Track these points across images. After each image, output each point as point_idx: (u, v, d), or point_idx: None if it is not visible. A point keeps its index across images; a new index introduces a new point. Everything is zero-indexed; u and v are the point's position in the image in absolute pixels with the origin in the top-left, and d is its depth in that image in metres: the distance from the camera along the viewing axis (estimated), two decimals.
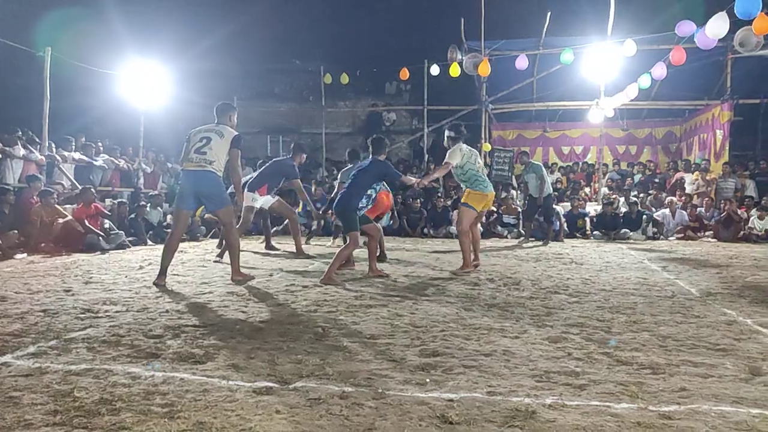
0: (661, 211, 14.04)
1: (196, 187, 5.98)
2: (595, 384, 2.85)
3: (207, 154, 5.93)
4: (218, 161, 5.96)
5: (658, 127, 19.28)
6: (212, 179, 5.94)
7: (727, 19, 8.27)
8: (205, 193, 5.99)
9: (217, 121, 6.23)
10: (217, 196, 6.04)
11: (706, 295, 5.53)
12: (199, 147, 5.96)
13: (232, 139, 6.02)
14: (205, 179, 5.92)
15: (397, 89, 21.96)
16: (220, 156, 5.97)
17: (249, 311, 4.58)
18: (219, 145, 5.97)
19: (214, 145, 5.96)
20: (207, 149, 5.94)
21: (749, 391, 2.75)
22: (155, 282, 5.91)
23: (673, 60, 11.21)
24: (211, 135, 6.02)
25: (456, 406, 2.53)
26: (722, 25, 8.36)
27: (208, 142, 5.97)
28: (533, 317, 4.45)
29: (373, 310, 4.66)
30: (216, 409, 2.48)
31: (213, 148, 5.95)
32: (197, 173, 5.94)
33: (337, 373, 2.99)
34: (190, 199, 6.07)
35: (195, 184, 5.97)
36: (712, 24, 8.55)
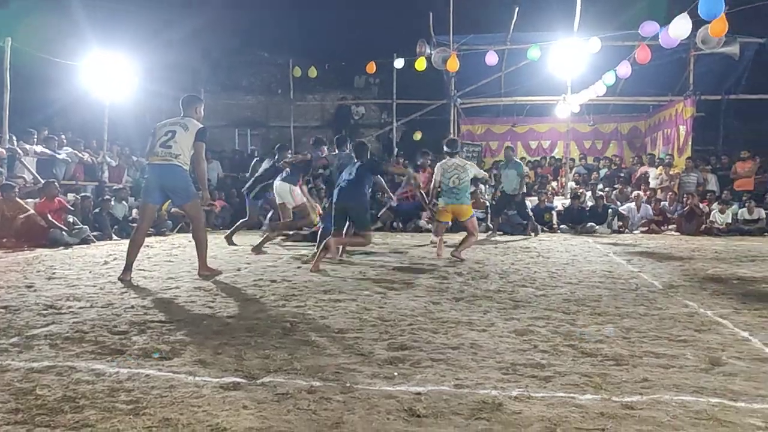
0: (626, 205, 14.29)
1: (162, 181, 5.93)
2: (560, 376, 2.89)
3: (172, 147, 5.87)
4: (183, 155, 5.91)
5: (623, 123, 19.60)
6: (178, 173, 5.89)
7: (689, 20, 8.44)
8: (171, 186, 5.95)
9: (183, 114, 6.15)
10: (183, 189, 5.98)
11: (668, 287, 5.65)
12: (165, 141, 5.89)
13: (196, 132, 5.96)
14: (171, 173, 5.87)
15: (366, 83, 21.91)
16: (185, 149, 5.92)
17: (216, 306, 4.53)
18: (184, 138, 5.91)
19: (179, 138, 5.90)
20: (172, 143, 5.87)
21: (709, 380, 2.81)
22: (120, 277, 5.82)
23: (638, 58, 11.40)
24: (176, 128, 5.95)
25: (423, 400, 2.55)
26: (685, 26, 8.52)
27: (173, 135, 5.90)
28: (500, 310, 4.49)
29: (342, 304, 4.65)
30: (182, 405, 2.46)
31: (178, 141, 5.88)
32: (162, 167, 5.88)
33: (305, 368, 2.98)
34: (156, 193, 6.01)
35: (160, 178, 5.92)
36: (675, 24, 8.71)
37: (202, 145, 6.00)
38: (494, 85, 17.88)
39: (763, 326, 3.96)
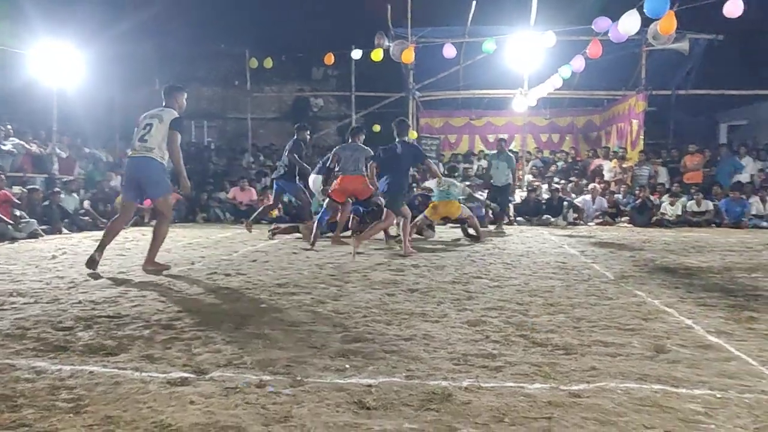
0: (581, 198, 14.55)
1: (136, 174, 5.95)
2: (510, 366, 2.92)
3: (148, 141, 5.89)
4: (158, 147, 5.90)
5: (578, 116, 19.93)
6: (152, 166, 5.89)
7: (638, 17, 8.60)
8: (143, 180, 5.94)
9: (165, 104, 6.14)
10: (155, 183, 5.95)
11: (619, 277, 5.76)
12: (142, 134, 5.93)
13: (170, 122, 5.93)
14: (145, 166, 5.89)
15: (325, 75, 21.77)
16: (160, 141, 5.90)
17: (168, 301, 4.45)
18: (159, 130, 5.90)
19: (154, 131, 5.90)
20: (148, 136, 5.90)
21: (653, 368, 2.88)
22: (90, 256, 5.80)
23: (590, 53, 11.59)
24: (153, 121, 5.95)
25: (374, 391, 2.54)
26: (634, 22, 8.69)
27: (150, 128, 5.92)
28: (454, 301, 4.51)
29: (296, 297, 4.61)
30: (126, 402, 2.40)
31: (153, 134, 5.89)
32: (137, 160, 5.91)
33: (256, 362, 2.95)
34: (131, 191, 6.04)
35: (135, 171, 5.95)
36: (624, 21, 8.89)
37: (176, 134, 5.94)
38: (452, 79, 17.95)
39: (706, 314, 4.07)
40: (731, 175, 14.80)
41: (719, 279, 5.69)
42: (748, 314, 4.05)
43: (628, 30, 8.90)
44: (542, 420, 2.25)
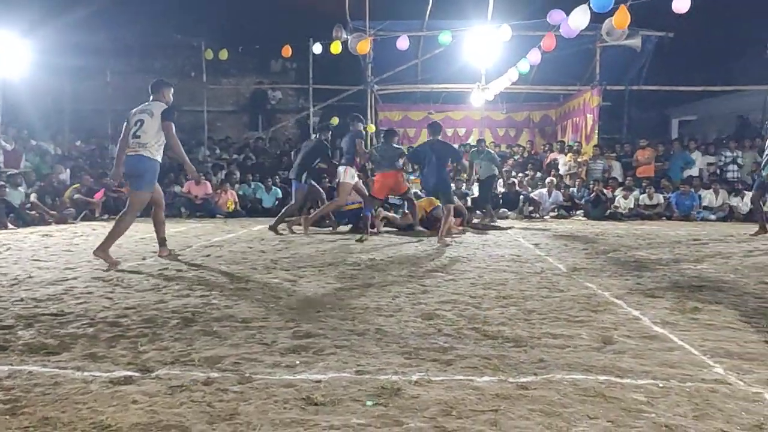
0: (537, 191, 14.76)
1: (128, 168, 6.19)
2: (461, 359, 2.93)
3: (141, 137, 6.07)
4: (151, 142, 6.07)
5: (535, 111, 20.18)
6: (141, 162, 6.08)
7: (588, 12, 8.74)
8: (130, 173, 6.18)
9: (152, 99, 6.29)
10: (138, 177, 6.14)
11: (572, 270, 5.86)
12: (135, 131, 6.10)
13: (161, 114, 6.08)
14: (135, 161, 6.10)
15: (283, 67, 21.55)
16: (153, 135, 6.07)
17: (115, 297, 4.34)
18: (150, 125, 6.06)
19: (146, 126, 6.07)
20: (141, 132, 6.07)
21: (600, 359, 2.93)
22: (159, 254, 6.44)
23: (543, 46, 11.74)
24: (144, 116, 6.11)
25: (323, 387, 2.52)
26: (583, 17, 8.83)
27: (142, 124, 6.09)
28: (409, 295, 4.52)
29: (249, 293, 4.56)
30: (66, 403, 2.32)
31: (146, 130, 6.06)
32: (131, 157, 6.13)
33: (204, 359, 2.89)
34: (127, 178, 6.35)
35: (128, 167, 6.18)
36: (574, 15, 9.02)
37: (170, 124, 6.10)
38: (411, 73, 17.98)
39: (653, 306, 4.16)
40: (683, 169, 15.21)
41: (667, 271, 5.83)
42: (692, 305, 4.16)
43: (578, 25, 9.04)
44: (489, 413, 2.26)
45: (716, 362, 2.89)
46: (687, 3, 8.84)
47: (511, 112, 19.96)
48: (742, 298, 4.48)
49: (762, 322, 3.69)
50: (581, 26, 9.08)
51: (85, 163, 14.98)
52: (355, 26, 16.08)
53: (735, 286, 4.98)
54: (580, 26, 9.08)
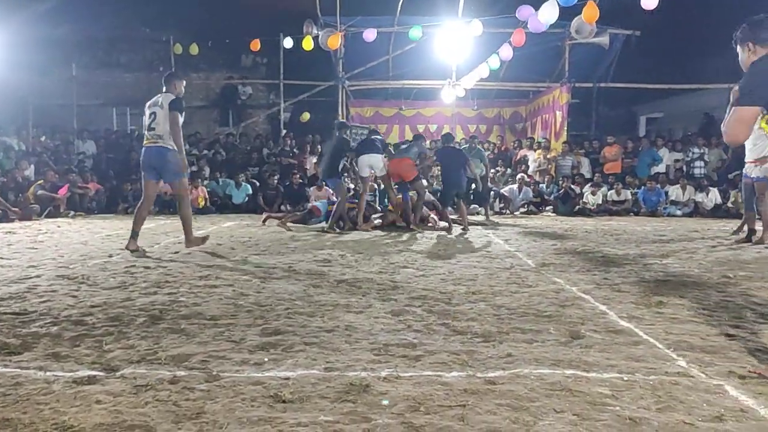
0: (508, 187, 14.86)
1: (151, 162, 6.49)
2: (430, 354, 2.94)
3: (155, 129, 6.40)
4: (166, 133, 6.35)
5: (505, 108, 20.31)
6: (163, 153, 6.39)
7: (557, 6, 8.83)
8: (159, 166, 6.47)
9: (165, 90, 6.54)
10: (170, 170, 6.46)
11: (540, 265, 5.92)
12: (149, 123, 6.44)
13: (169, 104, 6.33)
14: (157, 154, 6.41)
15: (254, 62, 21.33)
16: (166, 126, 6.34)
17: (80, 295, 4.26)
18: (162, 116, 6.36)
19: (159, 118, 6.37)
20: (155, 125, 6.40)
21: (567, 353, 2.96)
22: (127, 247, 6.40)
23: (513, 41, 11.83)
24: (156, 109, 6.41)
25: (291, 384, 2.51)
26: (552, 11, 8.92)
27: (155, 117, 6.40)
28: (380, 291, 4.52)
29: (218, 290, 4.51)
30: (27, 404, 2.28)
31: (159, 122, 6.37)
32: (150, 149, 6.46)
33: (171, 357, 2.86)
34: (151, 172, 6.55)
35: (149, 159, 6.49)
36: (544, 10, 9.11)
37: (175, 114, 6.33)
38: (382, 69, 17.96)
39: (620, 300, 4.23)
40: (650, 166, 15.46)
41: (634, 266, 5.92)
42: (657, 299, 4.23)
43: (547, 19, 9.13)
44: (457, 408, 2.27)
45: (679, 355, 2.95)
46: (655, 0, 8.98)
47: (481, 109, 20.06)
48: (705, 292, 4.57)
49: (724, 316, 3.77)
50: (551, 20, 9.18)
51: (50, 159, 14.67)
52: (326, 21, 16.01)
53: (699, 281, 5.08)
54: (549, 20, 9.18)
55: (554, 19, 9.20)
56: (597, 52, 16.53)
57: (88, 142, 16.75)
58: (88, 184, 13.44)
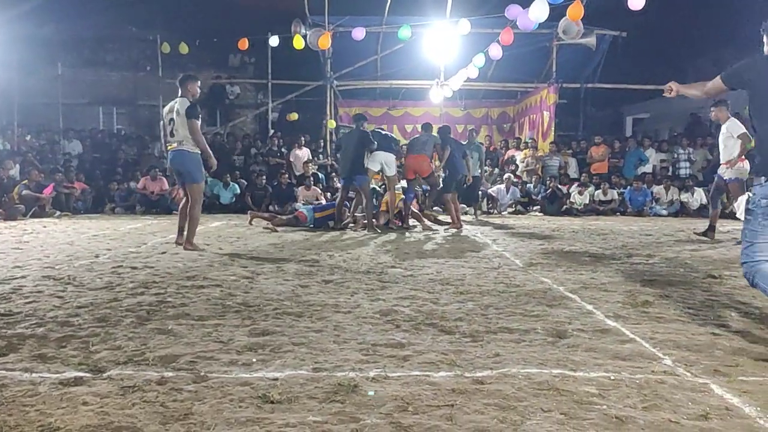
0: (496, 187, 14.91)
1: (174, 165, 6.87)
2: (418, 354, 2.95)
3: (176, 135, 6.67)
4: (186, 138, 6.63)
5: (493, 108, 20.38)
6: (184, 157, 6.69)
7: (547, 4, 8.87)
8: (179, 169, 6.82)
9: (180, 94, 6.76)
10: (189, 172, 6.76)
11: (528, 265, 5.94)
12: (170, 130, 6.71)
13: (185, 112, 6.58)
14: (179, 158, 6.72)
15: (242, 62, 21.29)
16: (186, 132, 6.61)
17: (66, 296, 4.23)
18: (180, 123, 6.61)
19: (178, 125, 6.63)
20: (174, 131, 6.66)
21: (554, 353, 2.98)
22: (176, 242, 6.97)
23: (502, 40, 11.88)
24: (173, 116, 6.65)
25: (279, 385, 2.50)
26: (543, 9, 8.97)
27: (174, 123, 6.65)
28: (368, 291, 4.52)
29: (205, 290, 4.49)
30: (12, 406, 2.26)
31: (178, 128, 6.64)
32: (173, 153, 6.76)
33: (158, 358, 2.84)
34: (178, 177, 7.02)
35: (172, 163, 6.87)
36: (534, 8, 9.16)
37: (194, 122, 6.61)
38: (371, 69, 17.96)
39: (607, 300, 4.26)
40: (637, 166, 15.57)
41: (620, 265, 5.97)
42: (643, 298, 4.26)
43: (537, 17, 9.18)
44: (445, 408, 2.28)
45: (665, 354, 2.97)
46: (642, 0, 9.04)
47: (469, 109, 20.12)
48: (690, 291, 4.62)
49: (709, 315, 3.81)
50: (541, 18, 9.22)
51: (36, 158, 14.54)
52: (314, 21, 15.99)
53: (684, 280, 5.13)
54: (540, 18, 9.22)
55: (544, 18, 9.24)
56: (584, 53, 16.62)
57: (74, 142, 16.62)
58: (74, 184, 13.33)
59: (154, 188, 13.76)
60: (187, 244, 6.82)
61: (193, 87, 6.80)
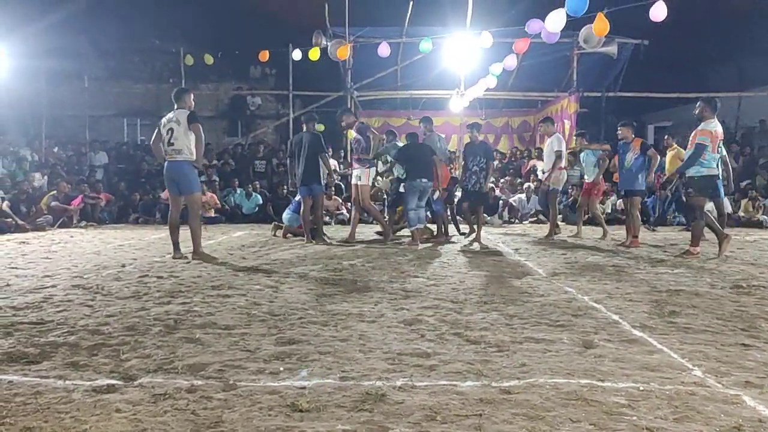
0: (516, 197, 14.86)
1: (171, 175, 6.89)
2: (444, 364, 2.95)
3: (174, 144, 6.77)
4: (185, 148, 6.76)
5: (514, 117, 20.34)
6: (182, 167, 6.81)
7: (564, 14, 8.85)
8: (177, 179, 6.87)
9: (177, 107, 6.91)
10: (187, 182, 6.87)
11: (551, 275, 5.91)
12: (169, 139, 6.79)
13: (187, 119, 6.74)
14: (177, 167, 6.82)
15: (262, 73, 21.48)
16: (186, 142, 6.75)
17: (95, 305, 4.30)
18: (180, 133, 6.74)
19: (177, 134, 6.74)
20: (174, 140, 6.76)
21: (581, 363, 2.97)
22: (173, 257, 6.91)
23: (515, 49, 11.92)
24: (173, 125, 6.77)
25: (307, 394, 2.52)
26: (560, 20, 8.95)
27: (173, 133, 6.76)
28: (391, 301, 4.53)
29: (231, 299, 4.54)
30: (48, 413, 2.30)
31: (177, 138, 6.74)
32: (171, 164, 6.85)
33: (187, 367, 2.88)
34: (173, 186, 6.94)
35: (169, 172, 6.89)
36: (551, 19, 9.14)
37: (197, 125, 6.81)
38: (391, 79, 18.01)
39: (632, 310, 4.22)
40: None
41: (645, 275, 5.91)
42: (670, 309, 4.22)
43: (555, 27, 9.16)
44: (473, 417, 2.28)
45: (695, 365, 2.94)
46: (664, 11, 8.98)
47: (490, 118, 20.09)
48: (718, 301, 4.56)
49: (738, 326, 3.76)
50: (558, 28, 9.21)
51: (63, 170, 14.78)
52: (334, 32, 16.09)
53: (711, 290, 5.06)
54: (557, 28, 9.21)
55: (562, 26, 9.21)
56: (605, 62, 16.53)
57: (100, 153, 16.88)
58: (100, 195, 13.53)
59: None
60: (195, 254, 6.93)
61: (189, 99, 7.01)
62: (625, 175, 9.16)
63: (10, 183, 12.78)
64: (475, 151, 9.19)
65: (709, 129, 7.26)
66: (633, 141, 9.12)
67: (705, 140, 7.20)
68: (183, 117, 6.78)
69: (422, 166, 8.74)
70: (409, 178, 8.71)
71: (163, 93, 20.37)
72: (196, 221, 7.04)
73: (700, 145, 7.22)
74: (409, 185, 8.69)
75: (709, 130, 7.25)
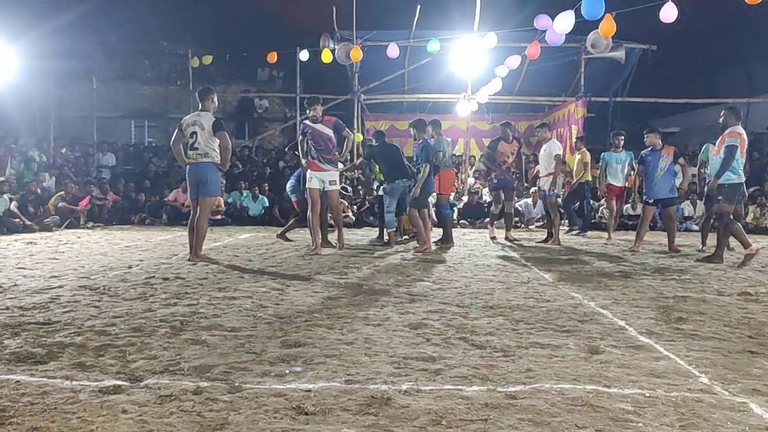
0: (522, 201, 14.83)
1: (196, 176, 6.93)
2: (449, 368, 2.95)
3: (198, 149, 6.85)
4: (209, 151, 6.85)
5: (520, 121, 20.27)
6: (207, 169, 6.89)
7: (572, 16, 8.86)
8: (201, 179, 6.92)
9: (201, 108, 6.99)
10: (207, 184, 6.93)
11: (557, 280, 5.90)
12: (192, 143, 6.86)
13: (212, 126, 6.82)
14: (202, 169, 6.89)
15: (270, 76, 21.54)
16: (210, 145, 6.84)
17: (102, 306, 4.31)
18: (204, 137, 6.81)
19: (201, 138, 6.81)
20: (197, 144, 6.84)
21: (587, 368, 2.96)
22: (189, 259, 6.89)
23: (528, 54, 11.88)
24: (196, 129, 6.82)
25: (313, 396, 2.53)
26: (568, 22, 8.95)
27: (196, 137, 6.82)
28: (397, 304, 4.53)
29: (237, 301, 4.55)
30: (54, 413, 2.31)
31: (201, 141, 6.82)
32: (196, 165, 6.91)
33: (193, 368, 2.89)
34: (194, 189, 7.00)
35: (194, 174, 6.93)
36: (559, 20, 9.14)
37: (224, 134, 6.94)
38: (397, 82, 18.05)
39: (638, 316, 4.21)
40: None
41: (651, 281, 5.89)
42: (677, 315, 4.21)
43: (563, 29, 9.16)
44: (478, 422, 2.28)
45: (702, 372, 2.93)
46: (674, 12, 8.94)
47: (496, 122, 20.05)
48: (725, 308, 4.54)
49: (745, 333, 3.74)
50: (566, 30, 9.20)
51: (71, 171, 14.85)
52: (342, 36, 16.13)
53: (719, 297, 5.04)
54: (565, 30, 9.20)
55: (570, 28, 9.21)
56: (613, 67, 16.50)
57: (108, 155, 16.97)
58: (107, 196, 13.59)
59: (184, 200, 13.92)
60: (194, 256, 6.92)
61: (213, 99, 7.08)
62: (659, 183, 9.00)
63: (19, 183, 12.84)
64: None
65: (737, 131, 7.23)
66: (664, 148, 9.04)
67: (735, 141, 7.16)
68: (208, 123, 6.82)
69: (399, 166, 8.80)
70: (389, 179, 8.71)
71: (171, 95, 20.53)
72: (205, 223, 7.07)
73: (731, 147, 7.15)
74: (390, 187, 8.65)
75: (738, 131, 7.22)
